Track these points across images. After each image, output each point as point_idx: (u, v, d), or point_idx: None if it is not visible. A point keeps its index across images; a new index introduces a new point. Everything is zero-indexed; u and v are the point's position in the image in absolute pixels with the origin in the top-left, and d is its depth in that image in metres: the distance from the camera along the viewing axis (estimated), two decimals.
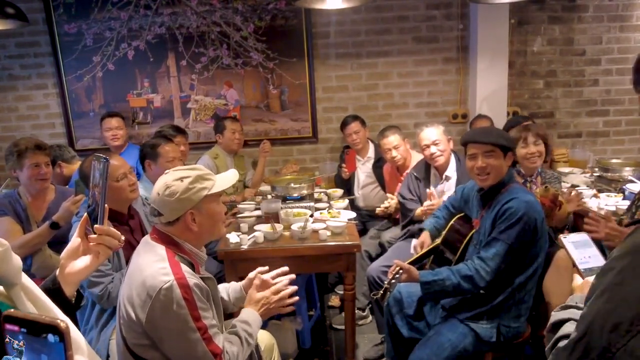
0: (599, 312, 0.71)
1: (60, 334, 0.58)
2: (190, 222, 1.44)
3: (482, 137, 1.99)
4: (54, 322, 0.58)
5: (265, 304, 1.60)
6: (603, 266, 0.76)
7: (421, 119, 3.96)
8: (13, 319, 0.59)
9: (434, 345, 1.92)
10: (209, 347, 1.36)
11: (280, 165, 4.06)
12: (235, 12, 3.81)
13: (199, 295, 1.37)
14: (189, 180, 1.42)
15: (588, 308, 0.74)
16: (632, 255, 0.71)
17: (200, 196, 1.43)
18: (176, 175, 1.44)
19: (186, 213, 1.43)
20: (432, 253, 2.27)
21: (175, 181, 1.43)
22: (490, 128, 2.74)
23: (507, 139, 2.00)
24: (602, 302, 0.71)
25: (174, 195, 1.41)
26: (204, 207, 1.46)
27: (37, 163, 2.38)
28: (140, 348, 1.40)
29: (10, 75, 3.91)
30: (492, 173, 1.94)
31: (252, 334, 1.52)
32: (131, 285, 1.39)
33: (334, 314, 3.22)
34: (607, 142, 4.20)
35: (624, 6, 3.95)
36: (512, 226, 1.83)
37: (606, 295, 0.71)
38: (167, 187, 1.42)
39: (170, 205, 1.42)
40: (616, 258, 0.74)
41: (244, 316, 1.56)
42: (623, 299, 0.68)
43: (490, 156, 1.93)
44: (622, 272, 0.70)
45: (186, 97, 3.97)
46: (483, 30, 3.72)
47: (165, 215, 1.44)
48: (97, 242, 1.02)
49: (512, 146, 2.00)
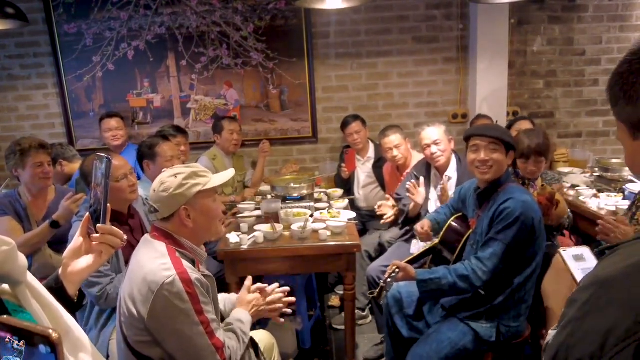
0: (562, 345, 0.71)
1: (52, 345, 0.56)
2: (184, 218, 1.45)
3: (488, 131, 1.99)
4: (45, 332, 0.56)
5: (256, 305, 1.64)
6: (571, 295, 0.75)
7: (421, 119, 3.97)
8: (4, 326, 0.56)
9: (433, 343, 1.92)
10: (211, 341, 1.37)
11: (280, 165, 4.06)
12: (235, 12, 3.81)
13: (200, 290, 1.38)
14: (183, 176, 1.45)
15: (554, 339, 0.74)
16: (595, 287, 0.70)
17: (193, 192, 1.45)
18: (171, 172, 1.48)
19: (180, 209, 1.45)
20: (430, 253, 2.28)
21: (170, 177, 1.46)
22: (495, 125, 2.72)
23: (509, 136, 2.00)
24: (565, 336, 0.71)
25: (168, 191, 1.43)
26: (198, 203, 1.47)
27: (41, 162, 2.40)
28: (142, 345, 1.40)
29: (10, 75, 3.91)
30: (494, 167, 1.93)
31: (246, 333, 1.54)
32: (132, 282, 1.39)
33: (334, 314, 3.22)
34: (607, 142, 4.20)
35: (624, 6, 3.95)
36: (509, 226, 1.83)
37: (569, 328, 0.71)
38: (162, 184, 1.45)
39: (164, 201, 1.44)
40: (581, 289, 0.73)
41: (237, 315, 1.58)
42: (584, 334, 0.67)
43: (494, 151, 1.93)
44: (584, 306, 0.69)
45: (186, 97, 3.97)
46: (483, 30, 3.72)
47: (161, 212, 1.46)
48: (99, 241, 1.02)
49: (514, 146, 2.00)
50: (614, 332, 0.63)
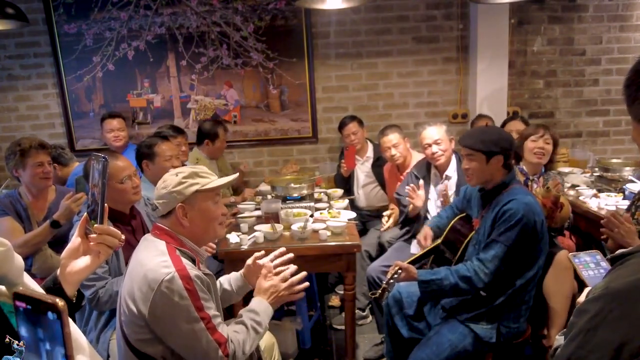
0: (571, 356, 0.71)
1: (58, 312, 0.64)
2: (181, 216, 1.47)
3: (464, 140, 2.01)
4: (53, 300, 0.65)
5: (274, 292, 1.59)
6: (580, 305, 0.76)
7: (421, 119, 3.97)
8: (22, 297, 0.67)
9: (433, 346, 1.92)
10: (213, 336, 1.37)
11: (280, 165, 4.06)
12: (235, 12, 3.81)
13: (200, 286, 1.38)
14: (183, 175, 1.49)
15: (563, 349, 0.75)
16: (606, 299, 0.70)
17: (190, 190, 1.47)
18: (174, 171, 1.53)
19: (177, 206, 1.46)
20: (432, 253, 2.27)
21: (171, 176, 1.51)
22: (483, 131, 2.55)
23: (491, 142, 1.92)
24: (575, 347, 0.71)
25: (168, 187, 1.47)
26: (196, 202, 1.49)
27: (41, 162, 2.40)
28: (143, 343, 1.41)
29: (10, 75, 3.91)
30: (473, 175, 1.97)
31: (261, 322, 1.51)
32: (132, 280, 1.40)
33: (334, 314, 3.22)
34: (607, 142, 4.20)
35: (624, 6, 3.95)
36: (511, 228, 1.83)
37: (579, 339, 0.71)
38: (164, 181, 1.50)
39: (163, 197, 1.48)
40: (591, 300, 0.73)
41: (252, 305, 1.56)
42: (594, 346, 0.68)
43: (471, 159, 1.96)
44: (594, 318, 0.70)
45: (186, 97, 3.97)
46: (483, 30, 3.72)
47: (160, 208, 1.49)
48: (97, 242, 1.02)
49: (497, 150, 1.91)
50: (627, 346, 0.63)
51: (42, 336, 0.67)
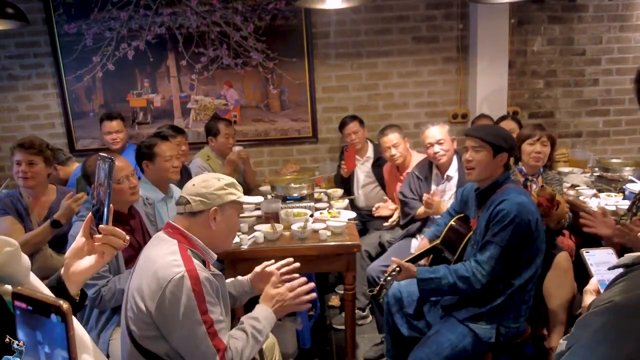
0: None
1: (62, 314, 0.61)
2: (211, 219, 1.51)
3: (475, 131, 2.01)
4: (57, 302, 0.61)
5: (280, 300, 1.60)
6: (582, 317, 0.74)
7: (421, 119, 3.97)
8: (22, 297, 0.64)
9: (433, 345, 1.92)
10: (212, 342, 1.37)
11: (280, 165, 4.06)
12: (235, 12, 3.81)
13: (207, 289, 1.39)
14: (225, 182, 1.55)
15: None
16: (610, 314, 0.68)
17: (228, 198, 1.54)
18: (215, 175, 1.60)
19: (212, 208, 1.50)
20: (431, 252, 2.27)
21: (213, 179, 1.57)
22: (492, 126, 2.64)
23: (502, 138, 1.96)
24: None
25: (209, 188, 1.52)
26: (227, 210, 1.55)
27: (19, 161, 2.38)
28: (148, 340, 1.41)
29: (10, 75, 3.91)
30: (476, 168, 1.96)
31: (262, 330, 1.52)
32: (141, 277, 1.41)
33: (334, 314, 3.22)
34: (607, 142, 4.20)
35: (624, 6, 3.95)
36: (504, 228, 1.83)
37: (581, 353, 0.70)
38: (205, 181, 1.55)
39: (203, 196, 1.51)
40: (594, 314, 0.71)
41: (255, 313, 1.57)
42: None
43: (477, 151, 1.95)
44: (597, 333, 0.68)
45: (186, 97, 3.97)
46: (483, 30, 3.72)
47: (193, 205, 1.50)
48: (102, 242, 1.02)
49: (506, 147, 1.95)
50: None
51: (40, 339, 0.64)
